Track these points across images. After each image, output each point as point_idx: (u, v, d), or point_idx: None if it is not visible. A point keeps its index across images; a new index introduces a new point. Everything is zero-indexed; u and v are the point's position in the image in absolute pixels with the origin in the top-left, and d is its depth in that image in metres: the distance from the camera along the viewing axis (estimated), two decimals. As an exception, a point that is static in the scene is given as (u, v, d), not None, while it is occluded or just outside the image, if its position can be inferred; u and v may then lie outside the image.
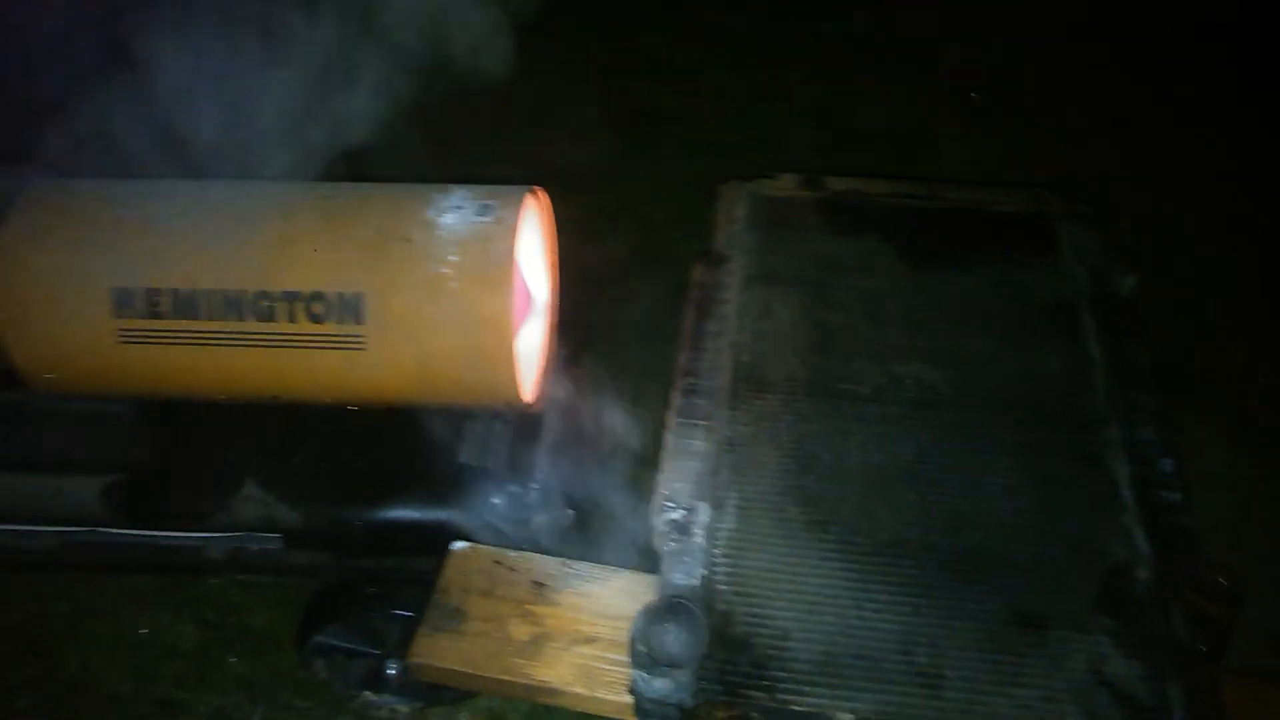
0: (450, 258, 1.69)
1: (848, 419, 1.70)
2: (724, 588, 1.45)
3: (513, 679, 1.46)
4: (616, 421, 1.92)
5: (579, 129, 3.25)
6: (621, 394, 2.18)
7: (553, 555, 1.63)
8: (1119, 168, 3.45)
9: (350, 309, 1.70)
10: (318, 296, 1.71)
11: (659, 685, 1.31)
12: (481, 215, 1.73)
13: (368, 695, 2.16)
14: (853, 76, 3.86)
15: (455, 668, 1.48)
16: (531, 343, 1.94)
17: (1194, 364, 2.88)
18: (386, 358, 1.73)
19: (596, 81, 3.66)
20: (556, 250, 1.97)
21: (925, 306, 1.92)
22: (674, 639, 1.28)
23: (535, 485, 1.98)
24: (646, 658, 1.29)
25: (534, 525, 1.94)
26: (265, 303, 1.71)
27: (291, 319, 1.72)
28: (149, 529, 2.01)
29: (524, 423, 1.98)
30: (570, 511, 2.04)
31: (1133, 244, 3.02)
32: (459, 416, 1.98)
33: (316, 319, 1.71)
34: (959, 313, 1.90)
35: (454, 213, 1.74)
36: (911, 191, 2.17)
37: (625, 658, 1.41)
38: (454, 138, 2.63)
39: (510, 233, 1.70)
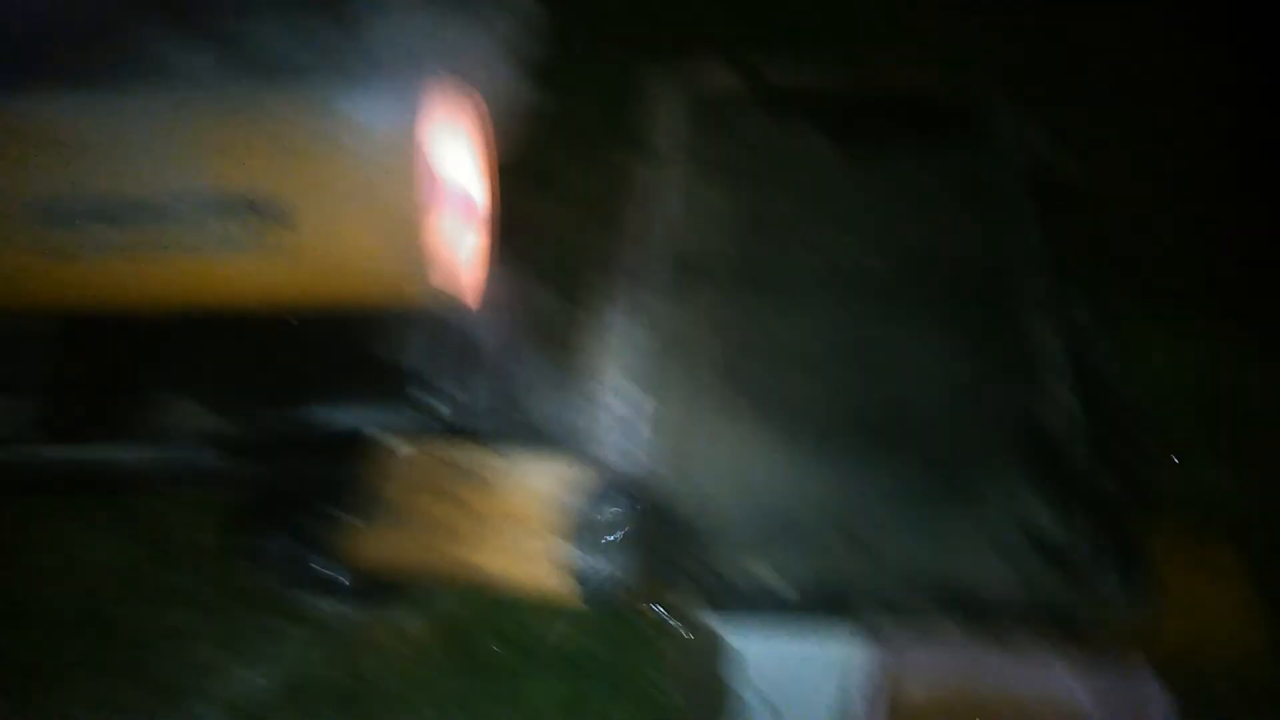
0: (371, 153, 1.65)
1: (785, 304, 1.71)
2: (664, 470, 1.46)
3: (450, 566, 1.47)
4: (556, 317, 1.91)
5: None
6: (562, 290, 2.17)
7: (486, 445, 1.63)
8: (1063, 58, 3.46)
9: (272, 210, 1.67)
10: (237, 199, 1.67)
11: (597, 562, 1.32)
12: (404, 109, 1.69)
13: (312, 599, 2.17)
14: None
15: (391, 558, 1.48)
16: (462, 239, 1.91)
17: (1126, 244, 2.92)
18: (308, 258, 1.69)
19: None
20: (488, 146, 1.94)
21: (863, 192, 1.91)
22: (608, 514, 1.29)
23: (476, 385, 1.97)
24: (588, 538, 1.30)
25: (475, 424, 1.94)
26: (183, 209, 1.67)
27: (211, 224, 1.68)
28: (78, 445, 1.98)
29: (462, 323, 1.97)
30: (514, 409, 2.04)
31: (1071, 127, 3.06)
32: (396, 319, 1.96)
33: (236, 222, 1.67)
34: (897, 197, 1.90)
35: (373, 108, 1.70)
36: (844, 78, 2.16)
37: (562, 540, 1.43)
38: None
39: (432, 126, 1.67)
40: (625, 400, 1.49)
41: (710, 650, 1.72)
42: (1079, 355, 1.60)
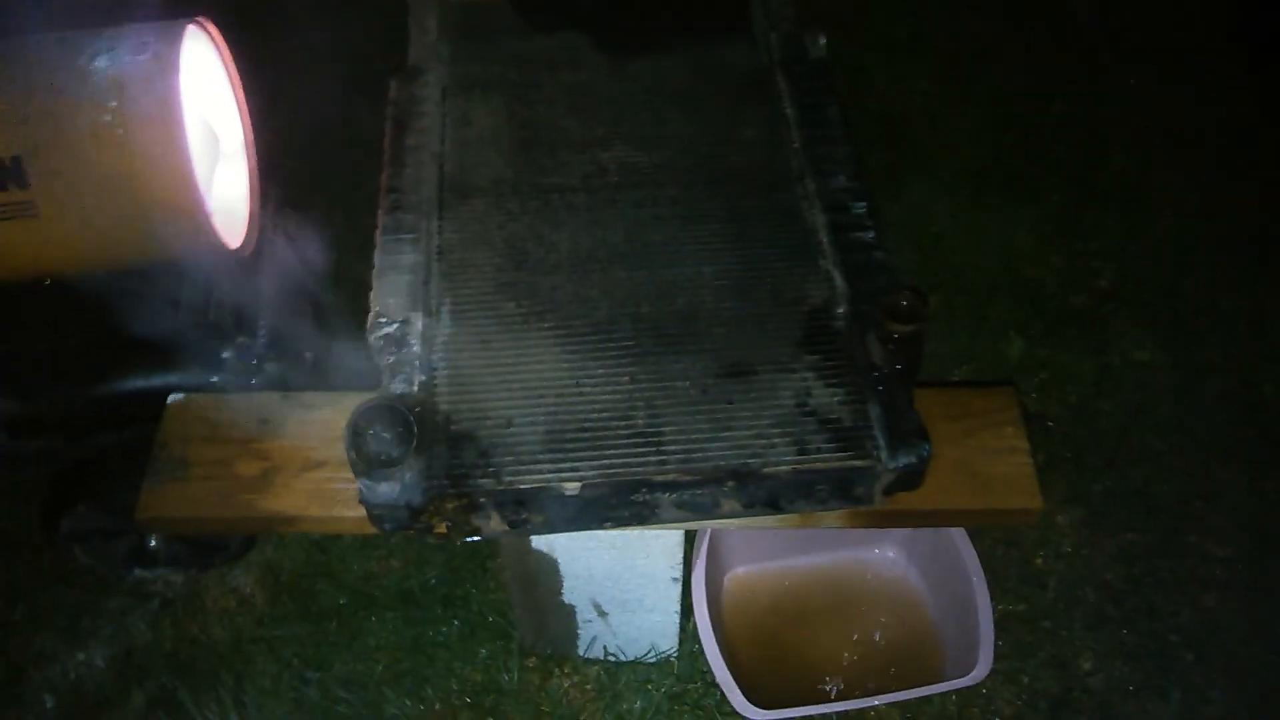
0: (110, 104, 1.58)
1: (556, 211, 1.71)
2: (444, 389, 1.45)
3: (246, 515, 1.45)
4: (327, 251, 1.88)
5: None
6: (331, 221, 2.13)
7: (271, 389, 1.61)
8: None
9: (11, 173, 1.58)
10: (-28, 164, 1.58)
11: (384, 489, 1.32)
12: (137, 54, 1.62)
13: (136, 571, 2.12)
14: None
15: (185, 515, 1.46)
16: (228, 188, 1.85)
17: (910, 125, 3.02)
18: (63, 222, 1.62)
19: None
20: (240, 85, 1.87)
21: (627, 92, 1.92)
22: (382, 439, 1.29)
23: (262, 332, 1.94)
24: (362, 464, 1.30)
25: (267, 373, 1.91)
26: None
27: (-52, 192, 1.59)
28: None
29: (242, 270, 1.92)
30: (307, 354, 2.02)
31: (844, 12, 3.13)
32: (173, 274, 1.90)
33: (-20, 187, 1.58)
34: (660, 94, 1.91)
35: (107, 56, 1.62)
36: (606, -22, 2.14)
37: (358, 471, 1.42)
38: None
39: (172, 69, 1.60)
40: (400, 323, 1.48)
41: (528, 563, 1.75)
42: (841, 227, 1.65)
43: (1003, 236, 2.76)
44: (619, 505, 1.38)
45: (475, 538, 1.39)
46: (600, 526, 1.40)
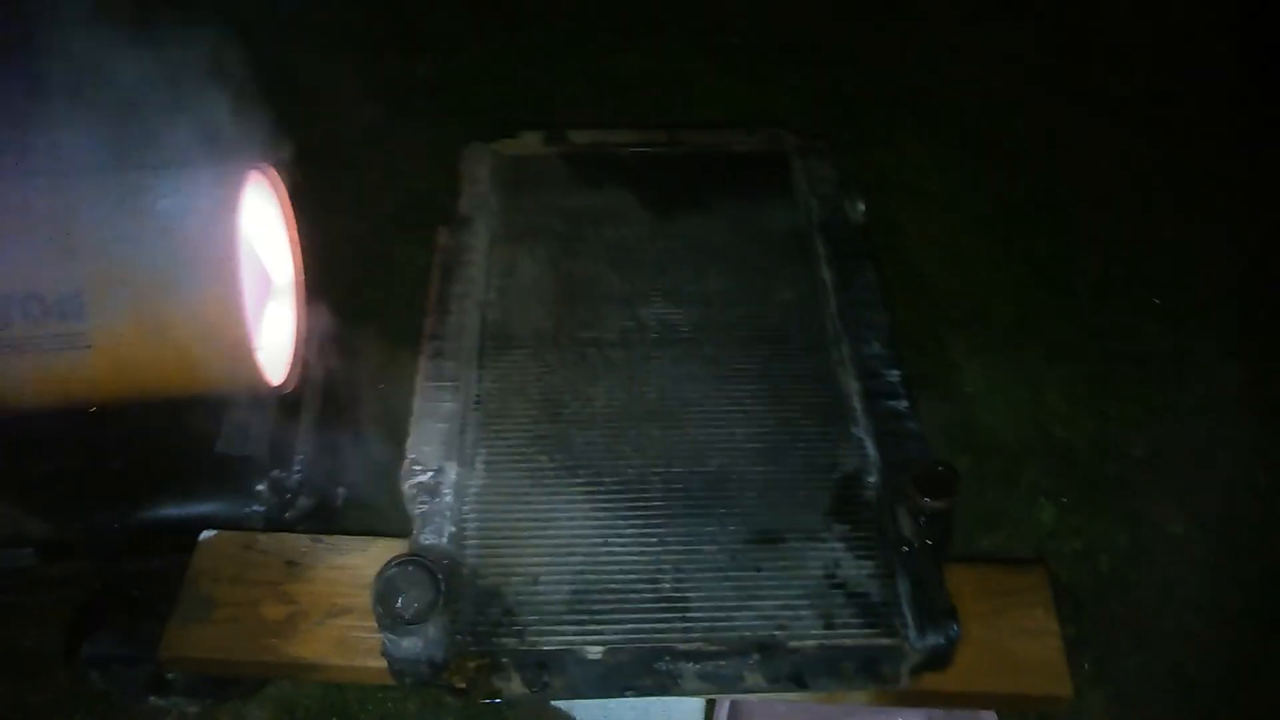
0: (170, 246, 1.64)
1: (593, 365, 1.74)
2: (473, 542, 1.47)
3: (269, 659, 1.45)
4: (368, 394, 1.91)
5: (334, 102, 3.18)
6: (384, 366, 2.17)
7: (304, 533, 1.62)
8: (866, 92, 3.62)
9: (70, 307, 1.63)
10: (33, 297, 1.63)
11: (407, 644, 1.32)
12: (201, 199, 1.68)
13: (152, 699, 2.11)
14: (616, 25, 3.90)
15: (208, 656, 1.46)
16: (277, 325, 1.90)
17: (945, 281, 3.05)
18: (115, 354, 1.66)
19: (351, 52, 3.57)
20: (295, 226, 1.93)
21: (668, 250, 1.97)
22: (407, 596, 1.29)
23: (298, 469, 1.95)
24: (387, 619, 1.30)
25: (300, 509, 1.92)
26: (-23, 307, 1.63)
27: (7, 322, 1.64)
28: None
29: (282, 406, 1.95)
30: (339, 490, 2.03)
31: (880, 172, 3.20)
32: (214, 406, 1.94)
33: (34, 320, 1.63)
34: (700, 253, 1.96)
35: (171, 198, 1.68)
36: (652, 139, 2.21)
37: (382, 621, 1.42)
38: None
39: (232, 215, 1.66)
40: (434, 472, 1.50)
41: (545, 717, 1.73)
42: (874, 394, 1.66)
43: (1035, 397, 2.75)
44: (641, 673, 1.37)
45: (495, 699, 1.38)
46: (621, 694, 1.39)
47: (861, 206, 2.04)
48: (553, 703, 1.66)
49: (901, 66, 3.79)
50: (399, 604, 1.29)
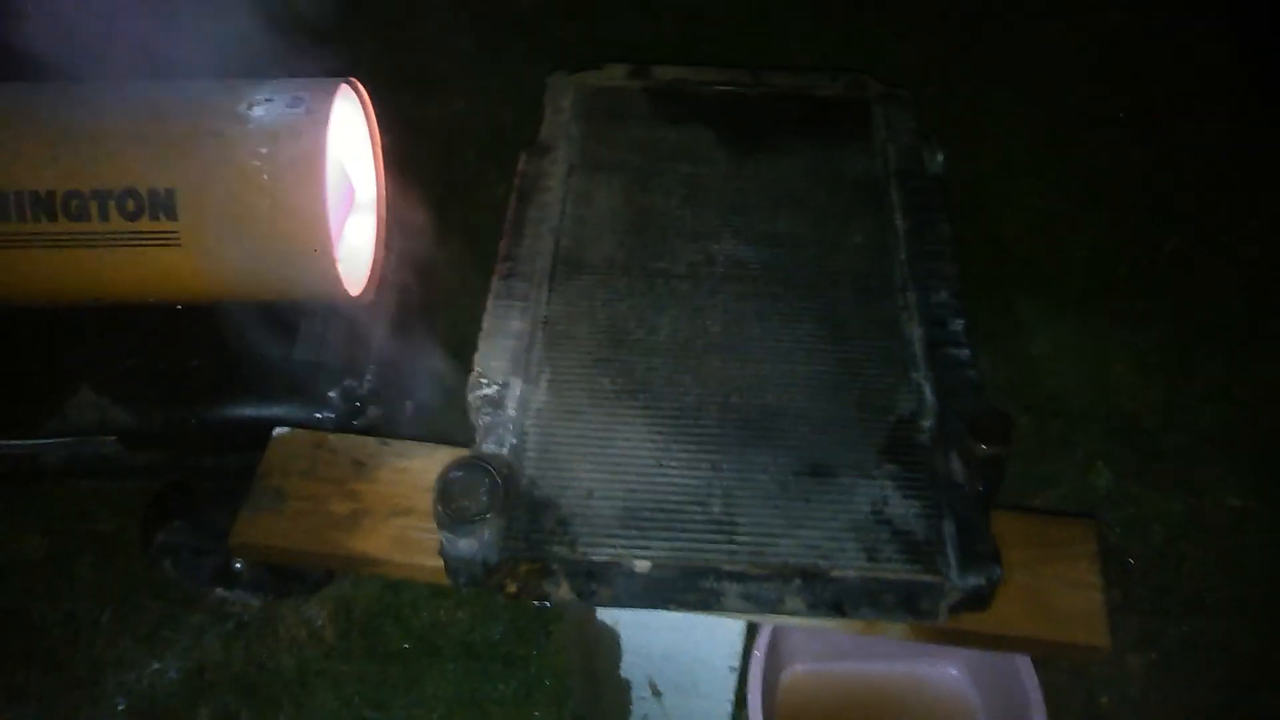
0: (261, 150, 1.69)
1: (661, 295, 1.77)
2: (532, 454, 1.51)
3: (332, 551, 1.51)
4: (439, 308, 1.96)
5: (428, 31, 3.23)
6: (459, 286, 2.22)
7: (372, 434, 1.68)
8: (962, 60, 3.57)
9: (163, 205, 1.70)
10: (129, 193, 1.70)
11: (464, 545, 1.38)
12: (292, 107, 1.74)
13: (218, 591, 2.21)
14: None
15: (275, 544, 1.53)
16: (357, 237, 1.96)
17: (1022, 244, 3.02)
18: (203, 254, 1.73)
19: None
20: (379, 145, 1.98)
21: (743, 190, 1.98)
22: (467, 498, 1.34)
23: (369, 379, 2.02)
24: (447, 518, 1.35)
25: (369, 418, 1.99)
26: (76, 202, 1.70)
27: (104, 217, 1.71)
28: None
29: (358, 317, 2.01)
30: (409, 403, 2.09)
31: (966, 132, 3.17)
32: (292, 312, 2.01)
33: (129, 216, 1.71)
34: (774, 194, 1.97)
35: (265, 105, 1.74)
36: (736, 79, 2.22)
37: (442, 523, 1.48)
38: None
39: (321, 124, 1.71)
40: (500, 386, 1.54)
41: (592, 631, 1.78)
42: (937, 342, 1.67)
43: (1103, 365, 2.74)
44: (685, 589, 1.41)
45: (543, 602, 1.43)
46: (664, 607, 1.43)
47: (940, 158, 2.03)
48: (599, 617, 1.71)
49: (1000, 27, 3.74)
50: (459, 505, 1.35)
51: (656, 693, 1.90)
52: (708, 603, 1.41)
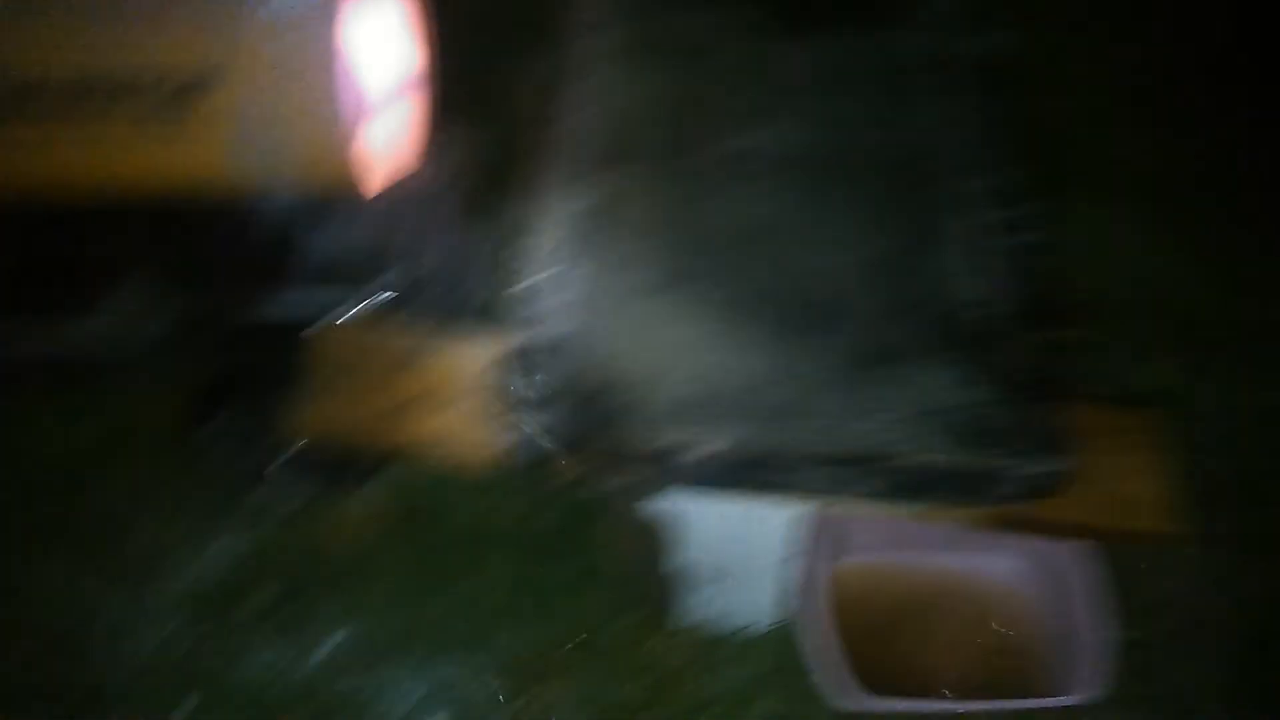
0: (292, 34, 1.65)
1: (710, 182, 1.73)
2: (590, 339, 1.49)
3: (390, 436, 1.51)
4: (488, 192, 1.92)
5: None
6: (493, 163, 2.17)
7: (425, 321, 1.67)
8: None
9: (196, 89, 1.67)
10: (161, 78, 1.66)
11: (530, 427, 1.37)
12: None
13: (268, 480, 2.22)
14: None
15: (330, 430, 1.53)
16: (400, 120, 1.91)
17: (1072, 137, 2.94)
18: (236, 139, 1.70)
19: None
20: (423, 21, 1.93)
21: (790, 73, 1.92)
22: (541, 379, 1.33)
23: (416, 267, 2.00)
24: (517, 400, 1.34)
25: (417, 306, 1.97)
26: (108, 86, 1.67)
27: (135, 104, 1.68)
28: (29, 329, 2.00)
29: (398, 200, 1.98)
30: (455, 291, 2.07)
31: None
32: (345, 201, 1.97)
33: (160, 101, 1.67)
34: (823, 77, 1.91)
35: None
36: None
37: (497, 411, 1.47)
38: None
39: (354, 7, 1.66)
40: (554, 272, 1.52)
41: (650, 517, 1.78)
42: (1005, 225, 1.63)
43: (1167, 261, 2.67)
44: (754, 473, 1.40)
45: (608, 486, 1.43)
46: (733, 492, 1.42)
47: (999, 38, 1.97)
48: (656, 504, 1.71)
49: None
50: (524, 388, 1.33)
51: (710, 580, 1.91)
52: (776, 486, 1.41)
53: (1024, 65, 2.85)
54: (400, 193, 1.84)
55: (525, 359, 1.37)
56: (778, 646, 2.01)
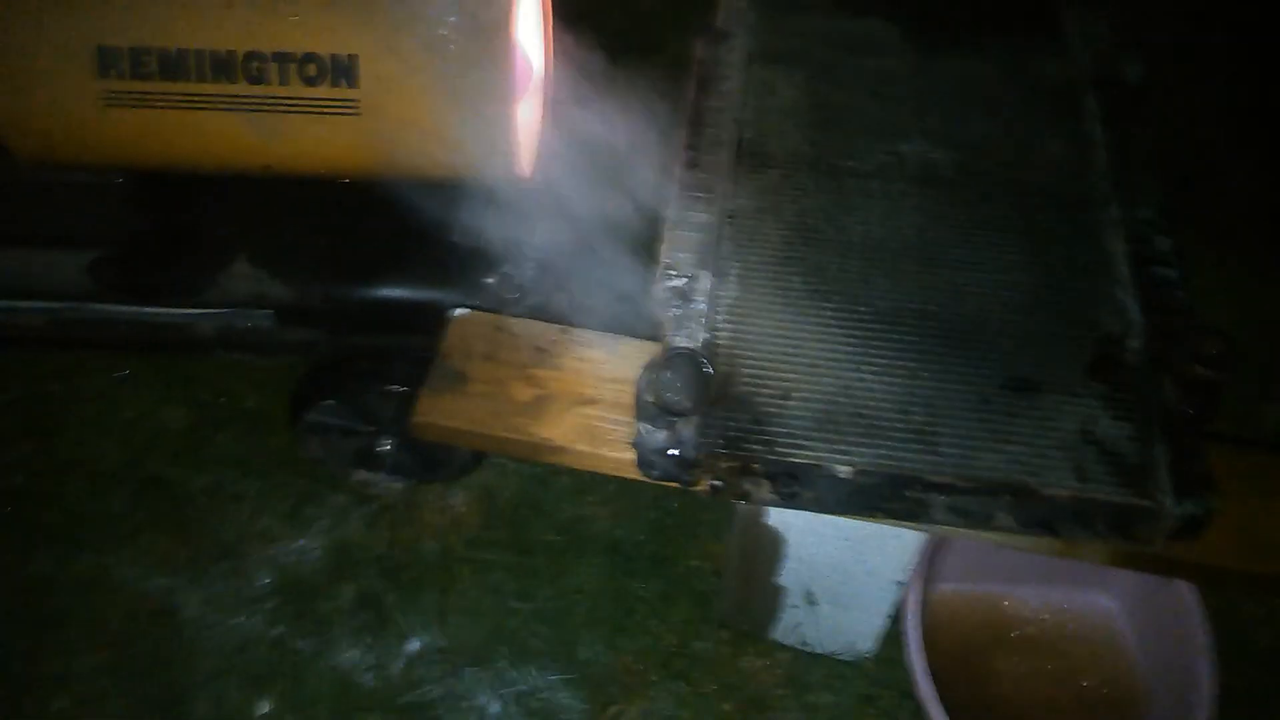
0: (448, 18, 1.63)
1: (850, 194, 1.69)
2: (725, 350, 1.46)
3: (516, 437, 1.48)
4: (610, 199, 1.89)
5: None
6: (627, 167, 2.14)
7: (553, 321, 1.64)
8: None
9: (344, 71, 1.65)
10: (311, 57, 1.64)
11: (663, 437, 1.34)
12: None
13: (362, 472, 2.20)
14: None
15: (458, 426, 1.50)
16: (528, 115, 1.89)
17: (1198, 169, 2.87)
18: (381, 123, 1.68)
19: None
20: (552, 23, 1.91)
21: (931, 87, 1.88)
22: (678, 388, 1.30)
23: (530, 265, 1.97)
24: (651, 408, 1.31)
25: (527, 306, 1.95)
26: (256, 64, 1.65)
27: (283, 81, 1.66)
28: (138, 304, 2.00)
29: (519, 200, 1.96)
30: (565, 292, 2.04)
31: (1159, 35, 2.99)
32: (454, 194, 1.96)
33: (309, 81, 1.65)
34: (964, 94, 1.87)
35: (447, -26, 1.67)
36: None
37: (626, 418, 1.44)
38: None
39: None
40: (687, 279, 1.49)
41: (753, 537, 1.75)
42: (1142, 259, 1.58)
43: (1267, 303, 2.60)
44: (890, 498, 1.36)
45: (741, 501, 1.39)
46: (870, 515, 1.38)
47: (1139, 66, 1.92)
48: (768, 521, 1.67)
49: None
50: (666, 397, 1.30)
51: (811, 601, 1.87)
52: (914, 513, 1.36)
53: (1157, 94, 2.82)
54: (522, 187, 1.82)
55: (659, 365, 1.34)
56: (872, 674, 1.98)
